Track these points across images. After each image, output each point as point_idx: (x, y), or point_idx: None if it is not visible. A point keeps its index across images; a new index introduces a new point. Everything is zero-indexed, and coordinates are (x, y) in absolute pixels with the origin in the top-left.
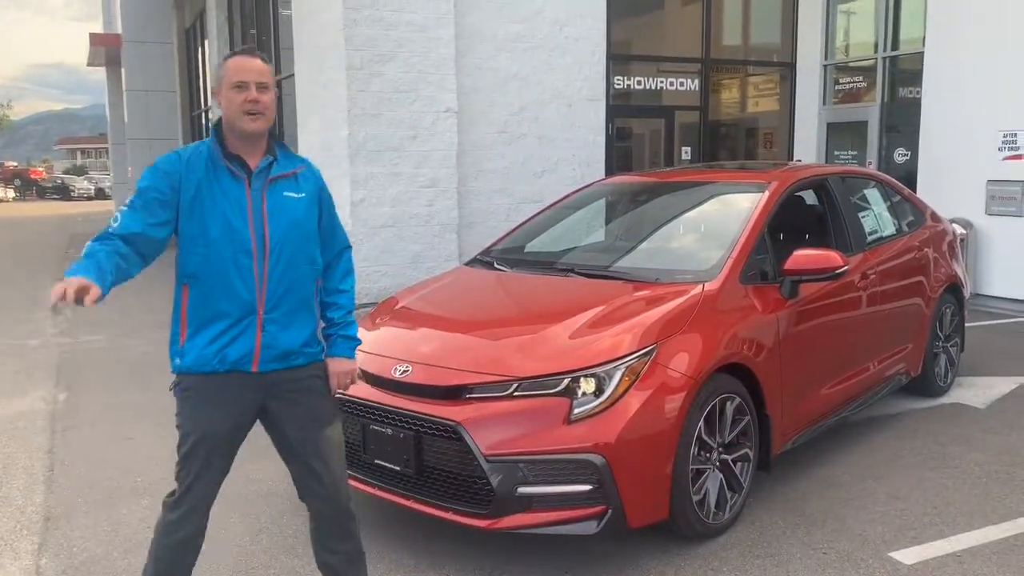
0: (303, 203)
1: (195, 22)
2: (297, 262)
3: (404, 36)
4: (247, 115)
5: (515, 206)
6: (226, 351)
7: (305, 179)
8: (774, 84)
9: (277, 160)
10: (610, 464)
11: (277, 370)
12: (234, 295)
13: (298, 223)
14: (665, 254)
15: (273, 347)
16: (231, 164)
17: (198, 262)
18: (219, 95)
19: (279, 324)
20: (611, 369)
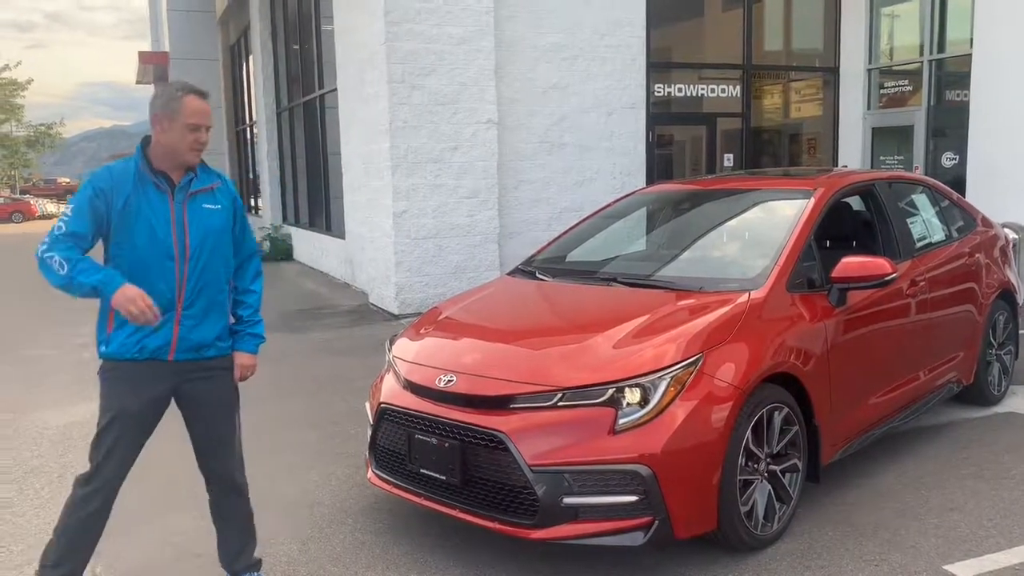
0: (219, 214)
1: (239, 38)
2: (213, 265)
3: (444, 49)
4: (193, 152)
5: (556, 215)
6: (145, 341)
7: (221, 193)
8: (817, 89)
9: (197, 176)
10: (656, 475)
11: (190, 360)
12: (157, 293)
13: (214, 231)
14: (709, 263)
15: (188, 339)
16: (157, 179)
17: (125, 265)
18: (163, 123)
19: (195, 319)
20: (656, 379)
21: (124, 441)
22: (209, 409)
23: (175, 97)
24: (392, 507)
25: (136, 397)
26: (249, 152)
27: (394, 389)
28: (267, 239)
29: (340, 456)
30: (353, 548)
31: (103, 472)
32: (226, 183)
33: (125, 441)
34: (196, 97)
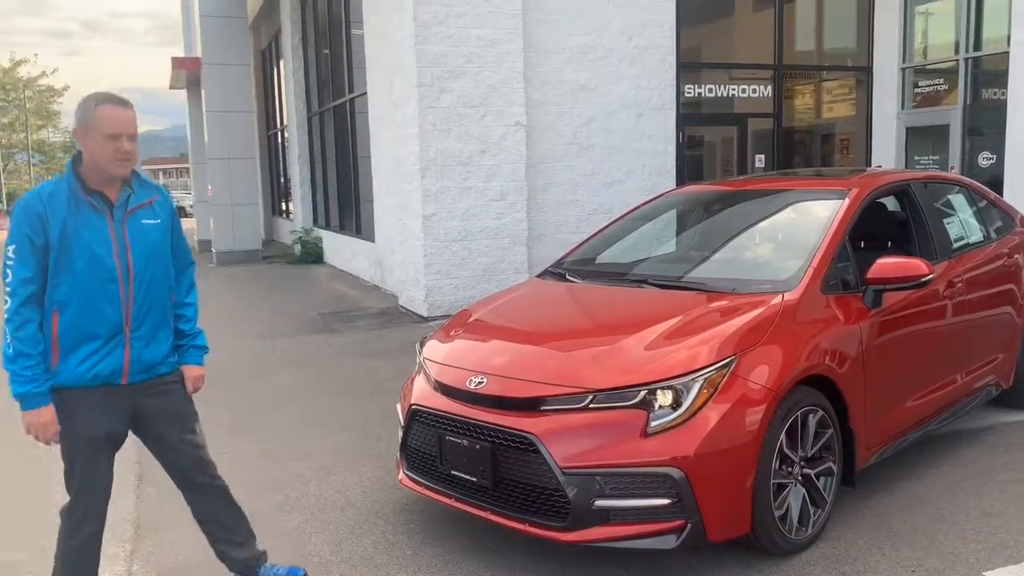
0: (159, 229)
1: (270, 43)
2: (157, 282)
3: (473, 52)
4: (119, 162)
5: (585, 217)
6: (98, 368)
7: (160, 206)
8: (849, 89)
9: (134, 191)
10: (689, 478)
11: (144, 380)
12: (103, 318)
13: (156, 247)
14: (741, 264)
15: (140, 360)
16: (92, 199)
17: (67, 291)
18: (83, 137)
19: (144, 340)
20: (689, 381)
21: (95, 466)
22: (169, 421)
23: (89, 108)
24: (423, 508)
25: (96, 424)
26: (280, 156)
27: (425, 391)
28: (298, 242)
29: (371, 457)
30: (385, 549)
31: (84, 499)
32: (164, 196)
33: (97, 466)
34: (112, 106)
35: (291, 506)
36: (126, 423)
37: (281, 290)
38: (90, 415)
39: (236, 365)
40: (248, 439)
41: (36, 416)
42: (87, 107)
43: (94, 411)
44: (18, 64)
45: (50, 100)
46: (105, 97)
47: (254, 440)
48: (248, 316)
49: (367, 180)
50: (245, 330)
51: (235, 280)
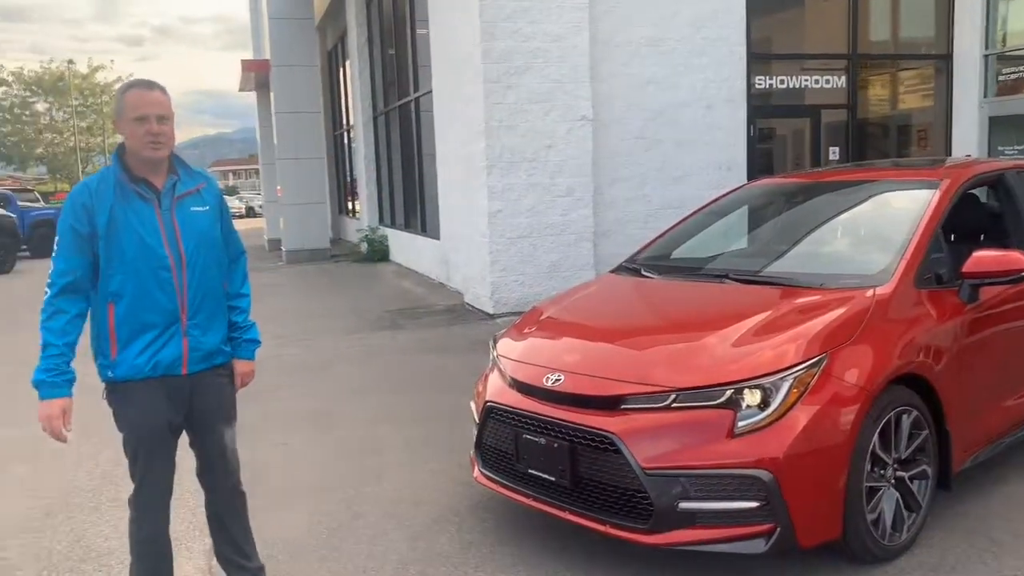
0: (208, 216)
1: (336, 44)
2: (210, 269)
3: (540, 47)
4: (150, 144)
5: (652, 213)
6: (157, 358)
7: (208, 193)
8: (928, 78)
9: (180, 179)
10: (778, 480)
11: (202, 370)
12: (158, 307)
13: (206, 234)
14: (828, 258)
15: (199, 349)
16: (138, 187)
17: (120, 281)
18: (118, 125)
19: (201, 328)
20: (778, 380)
21: (157, 456)
22: (215, 414)
23: (118, 96)
24: (497, 506)
25: (157, 413)
26: (346, 156)
27: (500, 388)
28: (364, 240)
29: (444, 453)
30: (461, 548)
31: (147, 489)
32: (210, 182)
33: (158, 456)
34: (137, 89)
35: (364, 501)
36: (184, 412)
37: (348, 287)
38: (151, 405)
39: (305, 359)
40: (317, 433)
41: (46, 407)
42: (117, 96)
43: (155, 401)
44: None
45: None
46: (132, 82)
47: (324, 434)
48: (317, 313)
49: (432, 178)
50: (314, 325)
51: (304, 278)
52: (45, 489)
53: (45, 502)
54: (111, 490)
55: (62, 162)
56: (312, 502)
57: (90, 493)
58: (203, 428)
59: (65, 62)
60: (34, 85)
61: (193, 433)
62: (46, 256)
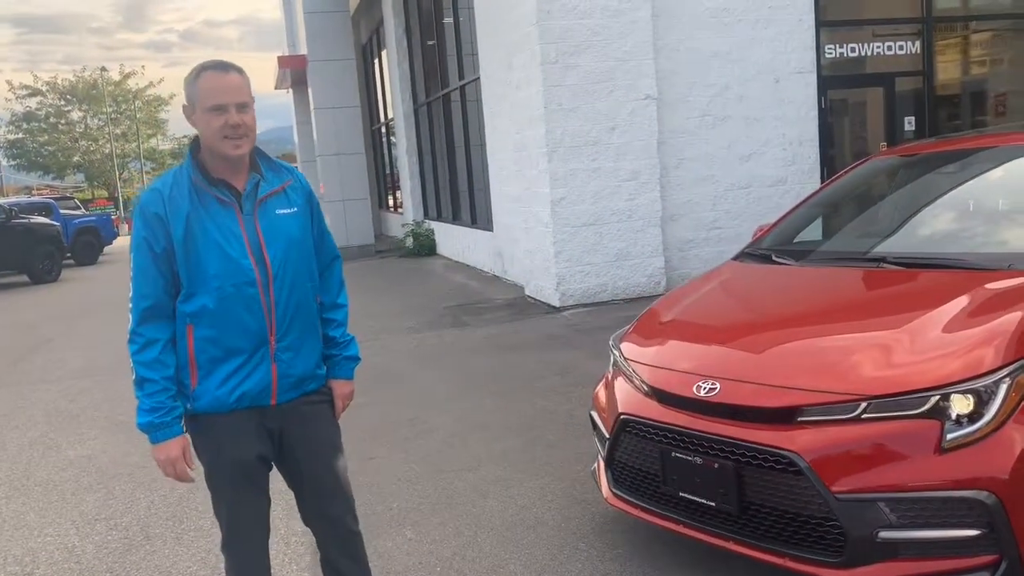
0: (297, 219)
1: (371, 37)
2: (301, 283)
3: (599, 23)
4: (228, 140)
5: (721, 194)
6: (243, 388)
7: (295, 191)
8: (1009, 39)
9: (264, 177)
10: (1003, 503)
11: (293, 399)
12: (244, 329)
13: (296, 241)
14: (1005, 235)
15: (289, 376)
16: (217, 191)
17: (200, 300)
18: (191, 117)
19: (292, 351)
20: (993, 383)
21: (247, 495)
22: (316, 451)
23: (191, 81)
24: (627, 529)
25: (244, 447)
26: (385, 151)
27: (635, 398)
28: (410, 235)
29: (548, 467)
30: None
31: (239, 535)
32: (298, 178)
33: (248, 495)
34: (212, 72)
35: (474, 524)
36: (272, 452)
37: (401, 284)
38: (236, 439)
39: (374, 363)
40: (404, 444)
41: (164, 451)
42: (190, 80)
43: (241, 435)
44: (127, 76)
45: (158, 109)
46: (204, 65)
47: (411, 446)
48: (374, 311)
49: (480, 169)
50: (376, 326)
51: (353, 275)
52: (120, 517)
53: (122, 533)
54: (192, 517)
55: (98, 169)
56: (414, 528)
57: (170, 522)
58: (300, 464)
59: (98, 69)
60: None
61: (288, 471)
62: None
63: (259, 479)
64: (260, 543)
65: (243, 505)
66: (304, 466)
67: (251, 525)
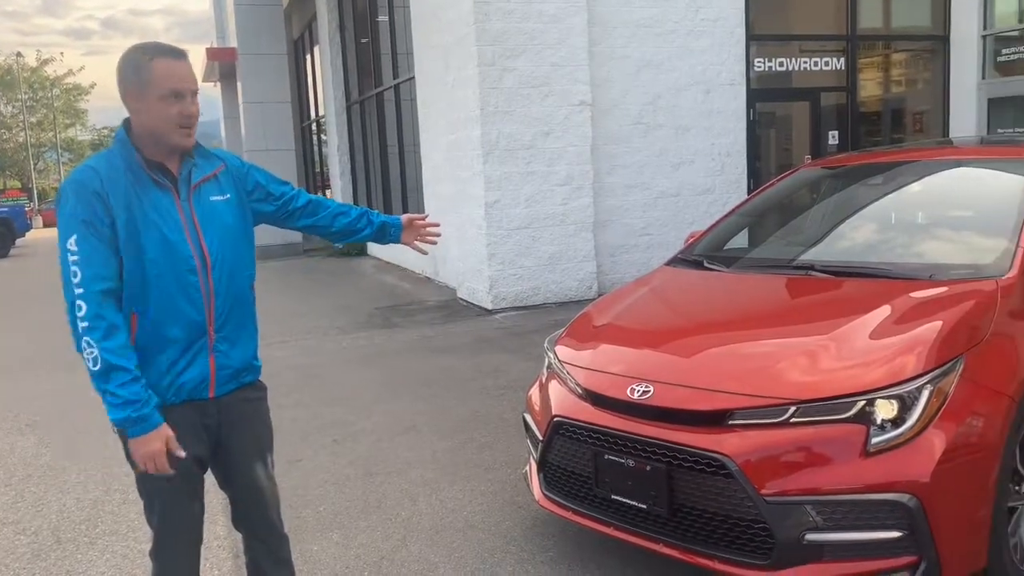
0: (230, 206)
1: (303, 32)
2: (239, 271)
3: (536, 28)
4: (182, 130)
5: (651, 201)
6: (180, 380)
7: (227, 178)
8: (926, 59)
9: (196, 163)
10: (924, 505)
11: (231, 391)
12: (183, 318)
13: (231, 228)
14: (928, 246)
15: (227, 367)
16: (154, 173)
17: (141, 288)
18: (137, 100)
19: (230, 341)
20: (915, 388)
21: (181, 499)
22: (251, 452)
23: (142, 63)
24: (558, 532)
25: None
26: (315, 148)
27: (569, 400)
28: None
29: (478, 470)
30: None
31: (170, 540)
32: (231, 163)
33: (183, 499)
34: (168, 59)
35: (403, 527)
36: (209, 450)
37: (330, 284)
38: None
39: (300, 363)
40: (332, 447)
41: (144, 444)
42: (139, 62)
43: (178, 431)
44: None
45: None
46: (159, 48)
47: (339, 448)
48: (302, 311)
49: (414, 169)
50: (303, 326)
51: (280, 274)
52: (30, 521)
53: (31, 538)
54: (107, 520)
55: (11, 159)
56: (341, 531)
57: (83, 525)
58: (236, 462)
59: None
60: None
61: (224, 470)
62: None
63: (194, 482)
64: (191, 551)
65: (176, 510)
66: (239, 467)
67: (183, 531)
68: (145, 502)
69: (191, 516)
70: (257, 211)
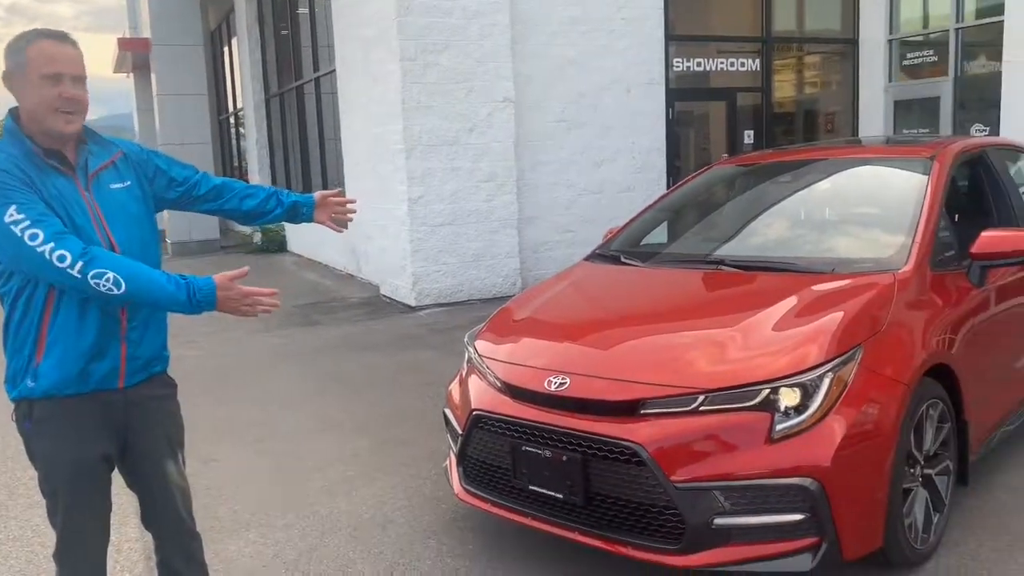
0: (132, 193)
1: (221, 23)
2: (146, 259)
3: (458, 24)
4: (61, 114)
5: (575, 198)
6: (90, 368)
7: (125, 164)
8: (837, 62)
9: (91, 152)
10: (825, 488)
11: (140, 382)
12: (96, 306)
13: (135, 216)
14: (829, 241)
15: (138, 357)
16: (53, 161)
17: None
18: (16, 85)
19: (140, 330)
20: (817, 376)
21: (88, 498)
22: (160, 449)
23: (19, 48)
24: (478, 525)
25: (87, 442)
26: (234, 142)
27: (488, 394)
28: (259, 230)
29: (400, 466)
30: (445, 573)
31: (76, 542)
32: (129, 150)
33: (90, 498)
34: (47, 40)
35: (322, 525)
36: (118, 445)
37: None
38: (79, 434)
39: (215, 363)
40: (251, 446)
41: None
42: (17, 47)
43: (84, 426)
44: None
45: None
46: (40, 31)
47: (257, 448)
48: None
49: (335, 163)
50: (220, 324)
51: (195, 272)
52: None
53: None
54: (12, 527)
55: None
56: (258, 530)
57: None
58: (145, 461)
59: None
60: None
61: (132, 468)
62: None
63: (101, 482)
64: (98, 553)
65: (82, 510)
66: (148, 466)
67: (90, 532)
68: (48, 502)
69: (97, 516)
70: (160, 197)
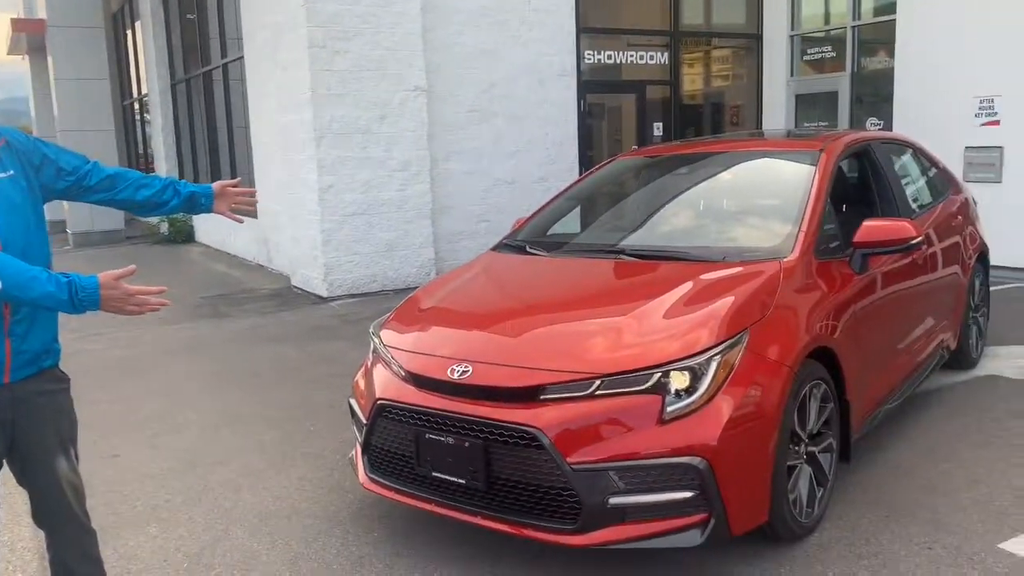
0: (15, 183)
1: (123, 5)
2: (30, 252)
3: (368, 11)
4: None
5: (489, 188)
6: None
7: (8, 153)
8: (743, 56)
9: None
10: (713, 467)
11: (28, 377)
12: None
13: (18, 207)
14: (723, 231)
15: (23, 351)
16: None
17: None
18: None
19: (26, 323)
20: (705, 360)
21: None
22: (49, 446)
23: None
24: (383, 513)
25: None
26: (138, 128)
27: (393, 383)
28: (165, 219)
29: (307, 457)
30: (352, 564)
31: None
32: (11, 138)
33: None
34: None
35: (226, 517)
36: (5, 438)
37: (154, 273)
38: None
39: (117, 355)
40: (152, 440)
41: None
42: None
43: None
44: None
45: None
46: None
47: (159, 441)
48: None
49: (244, 152)
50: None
51: (97, 264)
52: None
53: None
54: None
55: None
56: (160, 525)
57: None
58: (34, 457)
59: None
60: None
61: (21, 465)
62: None
63: None
64: None
65: None
66: (38, 462)
67: None
68: None
69: None
70: (48, 187)
